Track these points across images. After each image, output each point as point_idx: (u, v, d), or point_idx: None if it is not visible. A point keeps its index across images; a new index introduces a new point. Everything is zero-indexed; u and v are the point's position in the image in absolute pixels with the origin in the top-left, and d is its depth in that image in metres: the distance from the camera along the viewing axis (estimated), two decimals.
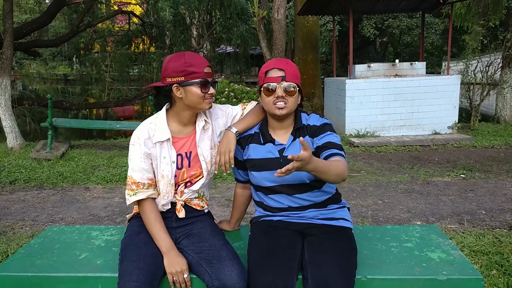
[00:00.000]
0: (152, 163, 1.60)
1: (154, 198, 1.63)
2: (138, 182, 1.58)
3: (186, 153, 1.64)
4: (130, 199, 1.59)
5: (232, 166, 1.60)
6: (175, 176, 1.62)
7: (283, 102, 1.55)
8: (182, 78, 1.53)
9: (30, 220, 3.48)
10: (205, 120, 1.66)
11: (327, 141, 1.56)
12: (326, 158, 1.51)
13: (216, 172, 1.70)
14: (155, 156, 1.59)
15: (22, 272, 1.58)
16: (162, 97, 1.64)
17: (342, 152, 1.53)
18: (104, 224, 3.34)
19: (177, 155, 1.62)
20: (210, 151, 1.67)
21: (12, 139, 6.04)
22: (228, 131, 1.65)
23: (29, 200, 4.02)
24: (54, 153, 5.53)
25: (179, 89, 1.55)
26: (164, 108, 1.65)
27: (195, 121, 1.66)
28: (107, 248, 1.76)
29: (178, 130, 1.64)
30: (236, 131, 1.64)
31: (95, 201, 3.95)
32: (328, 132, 1.59)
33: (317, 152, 1.57)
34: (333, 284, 1.35)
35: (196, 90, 1.53)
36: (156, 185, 1.63)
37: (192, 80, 1.52)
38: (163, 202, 1.63)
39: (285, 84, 1.55)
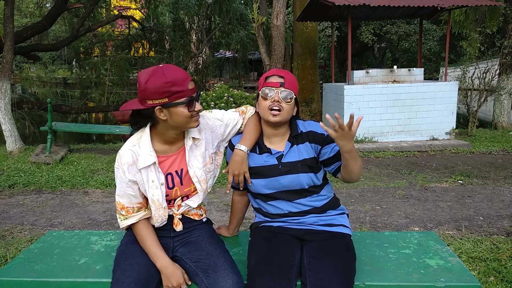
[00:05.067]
0: (139, 188, 1.53)
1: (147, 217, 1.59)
2: (127, 207, 1.54)
3: (176, 171, 1.55)
4: (121, 223, 1.56)
5: (249, 184, 1.62)
6: (167, 195, 1.55)
7: (278, 108, 1.56)
8: (166, 100, 1.37)
9: (29, 224, 3.48)
10: (193, 137, 1.55)
11: (336, 151, 1.62)
12: (337, 168, 1.62)
13: (228, 191, 1.68)
14: (142, 182, 1.50)
15: (21, 277, 1.58)
16: (141, 118, 1.49)
17: None
18: (103, 229, 3.34)
19: (167, 175, 1.53)
20: (203, 169, 1.58)
21: (11, 142, 6.04)
22: (238, 150, 1.60)
23: (28, 204, 4.01)
24: (53, 157, 5.53)
25: (163, 111, 1.40)
26: (148, 126, 1.50)
27: (183, 137, 1.55)
28: (107, 253, 1.77)
29: (164, 149, 1.53)
30: (247, 150, 1.61)
31: (94, 206, 3.94)
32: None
33: (326, 163, 1.64)
34: None
35: (182, 110, 1.40)
36: (147, 206, 1.58)
37: (177, 101, 1.38)
38: (157, 224, 1.59)
39: (283, 90, 1.57)
